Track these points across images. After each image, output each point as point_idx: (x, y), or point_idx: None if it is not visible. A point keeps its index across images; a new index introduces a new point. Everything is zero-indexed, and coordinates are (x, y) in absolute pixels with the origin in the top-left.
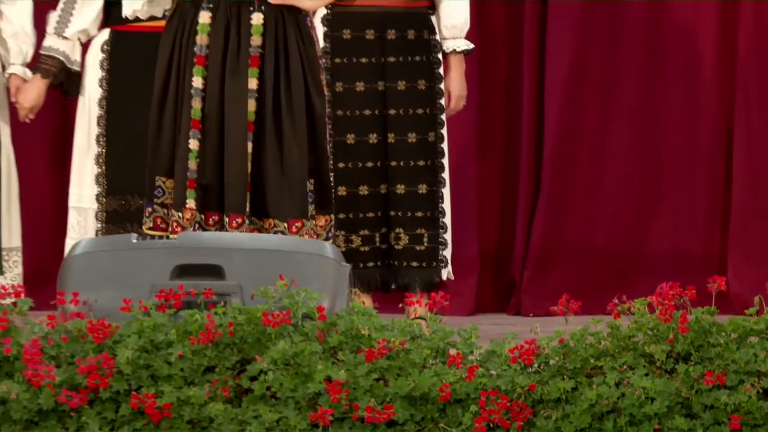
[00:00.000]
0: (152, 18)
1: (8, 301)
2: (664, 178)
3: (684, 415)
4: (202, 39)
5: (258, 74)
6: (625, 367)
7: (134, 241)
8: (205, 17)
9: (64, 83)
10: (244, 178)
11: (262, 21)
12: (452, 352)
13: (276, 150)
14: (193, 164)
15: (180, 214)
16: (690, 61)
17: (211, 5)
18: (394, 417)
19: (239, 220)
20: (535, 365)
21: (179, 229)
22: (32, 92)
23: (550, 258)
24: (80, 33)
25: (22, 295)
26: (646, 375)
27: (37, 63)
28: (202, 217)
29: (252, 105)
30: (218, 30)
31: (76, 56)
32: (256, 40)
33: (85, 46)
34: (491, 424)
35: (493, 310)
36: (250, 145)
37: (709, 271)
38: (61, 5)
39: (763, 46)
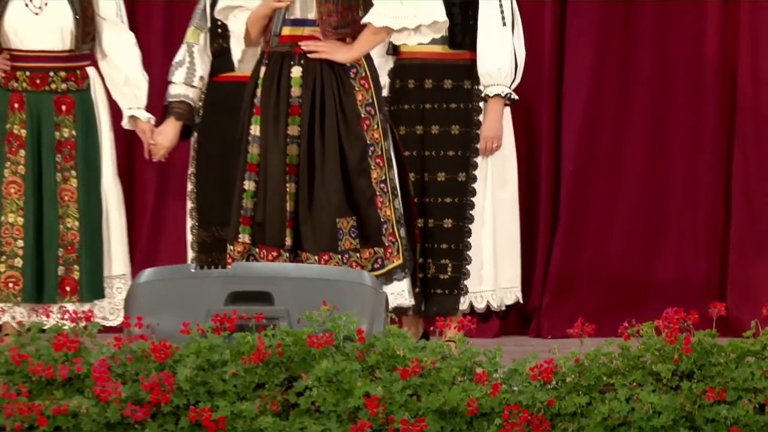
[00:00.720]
0: None
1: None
2: (669, 214)
3: (688, 427)
4: (259, 91)
5: (298, 122)
6: (634, 384)
7: (192, 270)
8: (262, 71)
9: (192, 127)
10: (281, 216)
11: (300, 74)
12: (478, 370)
13: (306, 191)
14: (249, 203)
15: (232, 247)
16: (693, 111)
17: (267, 61)
18: (426, 429)
19: (274, 254)
20: (553, 382)
21: (230, 260)
22: (171, 133)
23: (566, 286)
24: (201, 81)
25: (92, 319)
26: (654, 391)
27: (170, 108)
28: (257, 250)
29: (294, 149)
30: (268, 83)
31: (199, 102)
32: (295, 91)
33: None
34: None
35: (515, 333)
36: (293, 186)
37: (710, 297)
38: (185, 58)
39: (760, 98)
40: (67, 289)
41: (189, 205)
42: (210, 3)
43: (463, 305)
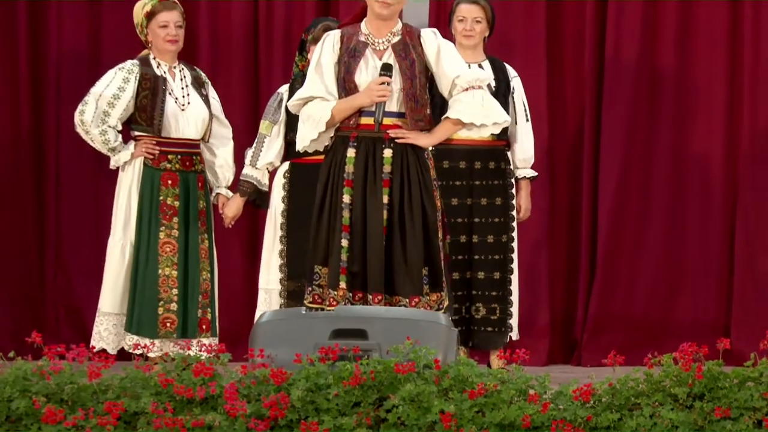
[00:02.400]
0: (317, 152)
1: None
2: (685, 269)
3: None
4: (349, 168)
5: (389, 193)
6: (656, 403)
7: (303, 312)
8: (351, 152)
9: (256, 200)
10: (381, 267)
11: (390, 154)
12: (531, 392)
13: (400, 247)
14: (344, 257)
15: (335, 293)
16: (704, 186)
17: (355, 144)
18: None
19: (379, 297)
20: (591, 402)
21: (335, 303)
22: (234, 206)
23: (602, 324)
24: (268, 164)
25: (223, 351)
26: (672, 409)
27: (238, 186)
28: (351, 294)
29: (385, 214)
30: (360, 161)
31: (265, 180)
32: (386, 168)
33: (273, 173)
34: None
35: (561, 362)
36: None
37: (717, 334)
38: (256, 145)
39: (757, 177)
40: (204, 327)
41: (279, 261)
42: (287, 99)
43: (515, 337)
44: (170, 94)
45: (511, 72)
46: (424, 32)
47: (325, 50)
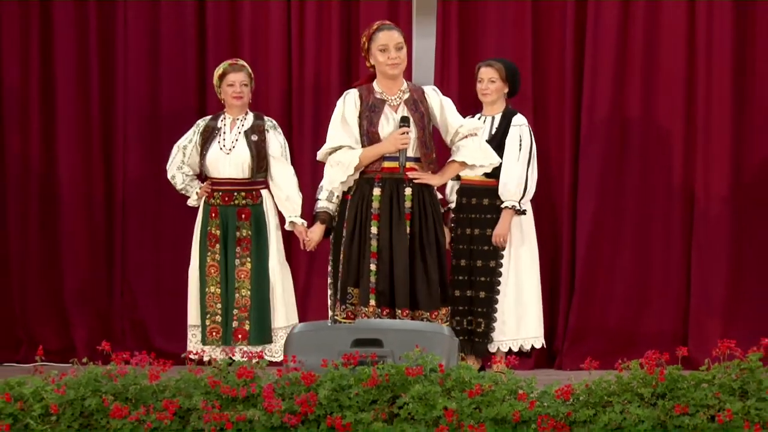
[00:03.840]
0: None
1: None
2: (651, 288)
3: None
4: (375, 204)
5: (410, 224)
6: (626, 401)
7: (329, 324)
8: (377, 191)
9: (330, 227)
10: (407, 286)
11: (411, 192)
12: (520, 392)
13: (422, 269)
14: (373, 279)
15: (366, 309)
16: (666, 218)
17: (380, 184)
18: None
19: (406, 311)
20: (571, 400)
21: (364, 317)
22: (318, 233)
23: (580, 334)
24: (337, 198)
25: (263, 357)
26: (639, 406)
27: (317, 216)
28: (379, 310)
29: (407, 242)
30: (385, 198)
31: (335, 212)
32: (408, 204)
33: None
34: None
35: (545, 367)
36: None
37: (677, 343)
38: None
39: (710, 210)
40: (239, 336)
41: (329, 280)
42: None
43: (493, 348)
44: (219, 141)
45: (517, 120)
46: (427, 90)
47: (348, 106)
